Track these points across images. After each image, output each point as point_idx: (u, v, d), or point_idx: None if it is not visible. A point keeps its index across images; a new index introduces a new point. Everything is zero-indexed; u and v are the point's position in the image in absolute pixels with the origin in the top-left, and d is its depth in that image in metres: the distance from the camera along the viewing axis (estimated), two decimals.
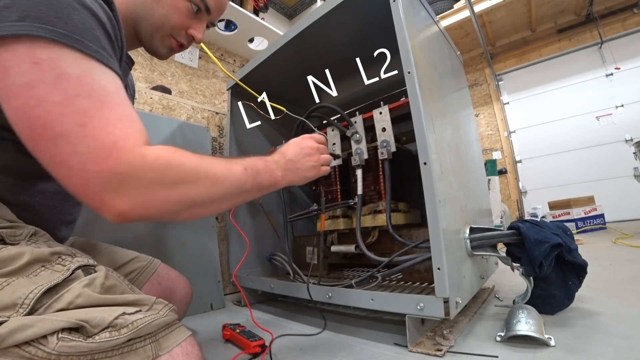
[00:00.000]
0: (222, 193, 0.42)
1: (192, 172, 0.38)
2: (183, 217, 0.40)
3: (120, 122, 0.34)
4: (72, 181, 0.32)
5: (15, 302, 0.29)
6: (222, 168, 0.43)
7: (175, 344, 0.35)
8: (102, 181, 0.32)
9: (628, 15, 2.47)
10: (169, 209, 0.37)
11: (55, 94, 0.31)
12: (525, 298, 0.67)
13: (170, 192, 0.36)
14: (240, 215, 1.12)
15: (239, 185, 0.45)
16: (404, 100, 0.78)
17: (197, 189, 0.39)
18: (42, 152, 0.32)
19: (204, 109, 1.28)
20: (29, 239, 0.38)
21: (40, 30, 0.31)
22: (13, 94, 0.31)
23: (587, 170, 2.57)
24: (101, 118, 0.33)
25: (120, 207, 0.33)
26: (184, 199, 0.38)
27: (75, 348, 0.28)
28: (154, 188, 0.35)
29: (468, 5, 2.19)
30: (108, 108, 0.33)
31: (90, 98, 0.33)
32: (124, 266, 0.65)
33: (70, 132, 0.31)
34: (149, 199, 0.35)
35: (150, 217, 0.36)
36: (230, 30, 1.78)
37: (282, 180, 0.55)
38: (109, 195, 0.33)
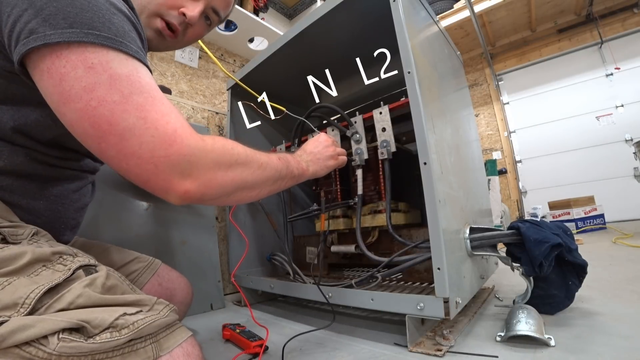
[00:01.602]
0: (266, 177, 0.47)
1: (243, 156, 0.43)
2: (234, 199, 0.43)
3: (173, 113, 0.37)
4: (143, 169, 0.35)
5: (16, 302, 0.29)
6: (263, 155, 0.47)
7: (176, 344, 0.35)
8: (171, 164, 0.35)
9: (628, 15, 2.47)
10: (225, 189, 0.40)
11: (114, 93, 0.33)
12: (525, 298, 0.67)
13: (227, 172, 0.40)
14: (240, 215, 1.12)
15: (277, 170, 0.50)
16: (404, 100, 0.78)
17: (248, 171, 0.43)
18: (108, 148, 0.34)
19: (204, 109, 1.28)
20: (30, 239, 0.38)
21: (89, 36, 0.33)
22: (73, 98, 0.33)
23: (587, 170, 2.57)
24: (157, 111, 0.35)
25: (187, 187, 0.36)
26: (238, 179, 0.42)
27: (76, 348, 0.28)
28: (215, 168, 0.39)
29: (468, 5, 2.19)
30: (159, 102, 0.36)
31: (142, 94, 0.35)
32: (125, 266, 0.65)
33: (134, 126, 0.34)
34: (211, 178, 0.38)
35: (210, 196, 0.39)
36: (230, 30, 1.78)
37: (307, 170, 0.61)
38: (176, 177, 0.36)
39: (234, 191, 0.42)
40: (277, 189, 0.52)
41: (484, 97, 3.10)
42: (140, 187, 0.37)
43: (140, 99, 0.35)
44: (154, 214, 0.98)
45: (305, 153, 0.65)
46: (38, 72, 0.34)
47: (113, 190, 0.90)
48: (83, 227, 0.78)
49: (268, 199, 1.16)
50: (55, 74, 0.33)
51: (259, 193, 0.47)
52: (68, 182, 0.48)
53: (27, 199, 0.43)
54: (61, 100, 0.33)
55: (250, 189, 0.45)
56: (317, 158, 0.65)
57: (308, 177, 0.61)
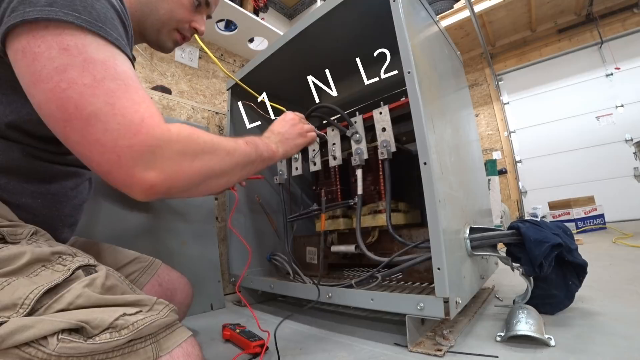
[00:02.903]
0: (234, 163, 0.46)
1: (210, 144, 0.42)
2: (203, 189, 0.42)
3: (144, 103, 0.36)
4: (104, 158, 0.33)
5: (16, 303, 0.29)
6: (230, 141, 0.47)
7: (176, 344, 0.35)
8: (133, 155, 0.33)
9: (628, 15, 2.47)
10: (193, 180, 0.39)
11: (85, 76, 0.33)
12: (525, 298, 0.67)
13: (193, 162, 0.39)
14: (241, 215, 1.12)
15: (246, 155, 0.49)
16: (404, 100, 0.78)
17: (215, 159, 0.42)
18: (73, 132, 0.33)
19: (204, 109, 1.28)
20: (29, 238, 0.38)
21: (68, 16, 0.33)
22: (44, 78, 0.32)
23: (587, 170, 2.57)
24: (128, 98, 0.34)
25: (151, 180, 0.35)
26: (205, 169, 0.40)
27: (76, 349, 0.28)
28: (180, 159, 0.37)
29: (468, 5, 2.19)
30: (132, 90, 0.35)
31: (115, 81, 0.34)
32: (125, 267, 0.65)
33: (101, 111, 0.33)
34: (177, 169, 0.37)
35: (177, 189, 0.38)
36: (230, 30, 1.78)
37: (277, 151, 0.60)
38: (139, 169, 0.34)
39: (203, 181, 0.41)
40: (248, 174, 0.52)
41: (484, 97, 3.10)
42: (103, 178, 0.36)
43: (112, 85, 0.34)
44: (154, 214, 0.98)
45: (273, 134, 0.64)
46: (13, 52, 0.33)
47: (113, 190, 0.90)
48: (83, 227, 0.78)
49: (268, 199, 1.16)
50: (29, 54, 0.32)
51: (228, 180, 0.47)
52: (65, 180, 0.48)
53: (24, 197, 0.42)
54: (32, 81, 0.33)
55: (219, 176, 0.44)
56: (286, 138, 0.65)
57: (279, 158, 0.61)
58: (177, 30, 0.59)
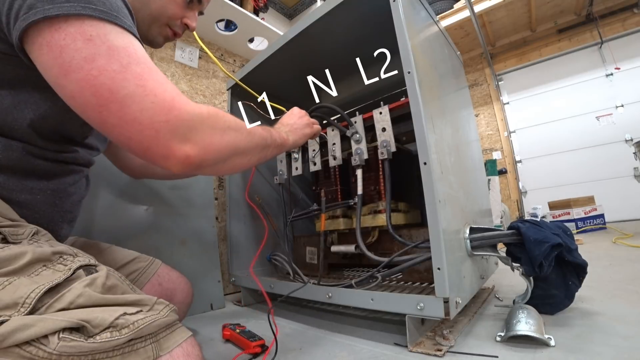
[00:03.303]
0: (255, 143, 0.50)
1: (234, 122, 0.46)
2: (229, 166, 0.46)
3: (168, 84, 0.38)
4: (143, 134, 0.36)
5: (17, 302, 0.29)
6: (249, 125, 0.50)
7: (176, 344, 0.35)
8: (171, 129, 0.36)
9: (628, 15, 2.46)
10: (221, 154, 0.43)
11: (113, 63, 0.35)
12: (525, 298, 0.67)
13: (223, 136, 0.42)
14: (240, 215, 1.12)
15: (263, 138, 0.53)
16: (404, 100, 0.78)
17: (240, 136, 0.46)
18: (110, 116, 0.35)
19: None
20: (31, 238, 0.38)
21: (87, 9, 0.34)
22: (74, 68, 0.34)
23: (587, 170, 2.56)
24: (155, 80, 0.37)
25: (187, 151, 0.38)
26: (232, 143, 0.44)
27: (76, 348, 0.28)
28: (212, 132, 0.41)
29: (468, 5, 2.19)
30: (155, 72, 0.38)
31: (140, 65, 0.37)
32: (125, 266, 0.65)
33: (135, 93, 0.35)
34: (209, 142, 0.40)
35: (208, 162, 0.41)
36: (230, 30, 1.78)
37: (288, 140, 0.64)
38: (176, 142, 0.37)
39: (229, 156, 0.44)
40: (264, 157, 0.55)
41: (484, 97, 3.10)
42: (140, 157, 0.38)
43: (138, 69, 0.36)
44: (154, 214, 0.98)
45: (282, 125, 0.68)
46: (37, 47, 0.34)
47: (113, 190, 0.90)
48: (84, 227, 0.78)
49: (268, 199, 1.16)
50: (55, 47, 0.33)
51: (250, 159, 0.50)
52: (64, 176, 0.49)
53: (24, 194, 0.43)
54: (61, 72, 0.34)
55: (243, 154, 0.47)
56: (295, 128, 0.69)
57: (289, 147, 0.65)
58: (168, 26, 0.59)
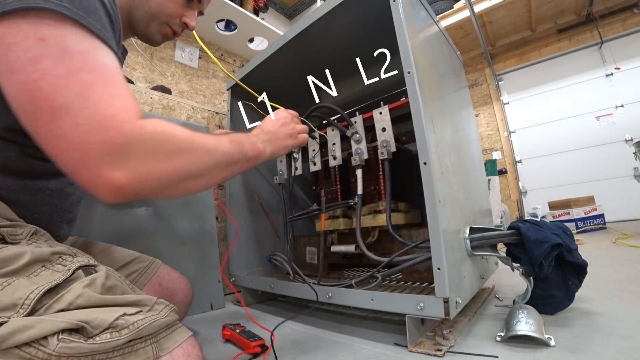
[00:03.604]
0: (214, 163, 0.43)
1: (188, 142, 0.39)
2: (179, 191, 0.39)
3: (121, 97, 0.34)
4: (70, 155, 0.31)
5: (16, 303, 0.29)
6: (211, 139, 0.44)
7: (176, 344, 0.35)
8: (101, 153, 0.31)
9: (628, 15, 2.46)
10: (166, 181, 0.37)
11: (59, 67, 0.31)
12: (525, 298, 0.67)
13: (168, 162, 0.36)
14: (240, 215, 1.12)
15: (228, 155, 0.47)
16: (404, 100, 0.78)
17: (193, 159, 0.39)
18: (40, 126, 0.31)
19: (204, 109, 1.28)
20: (29, 238, 0.38)
21: (48, 3, 0.31)
22: (16, 69, 0.30)
23: (587, 170, 2.56)
24: (103, 91, 0.33)
25: (118, 180, 0.32)
26: (181, 169, 0.38)
27: (76, 349, 0.28)
28: (154, 158, 0.35)
29: (468, 5, 2.19)
30: (110, 83, 0.34)
31: (93, 73, 0.33)
32: (125, 267, 0.65)
33: (72, 104, 0.31)
34: (148, 170, 0.34)
35: (148, 190, 0.36)
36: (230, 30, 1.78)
37: (264, 150, 0.58)
38: (107, 168, 0.32)
39: (179, 182, 0.38)
40: (231, 174, 0.49)
41: (484, 97, 3.10)
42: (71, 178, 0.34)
43: (89, 77, 0.32)
44: (154, 214, 0.98)
45: (262, 132, 0.61)
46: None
47: None
48: (83, 227, 0.78)
49: (268, 198, 1.16)
50: (4, 44, 0.30)
51: (208, 181, 0.44)
52: (62, 176, 0.48)
53: (22, 194, 0.42)
54: (5, 72, 0.31)
55: (197, 177, 0.41)
56: (275, 138, 0.62)
57: (266, 158, 0.59)
58: (167, 25, 0.58)
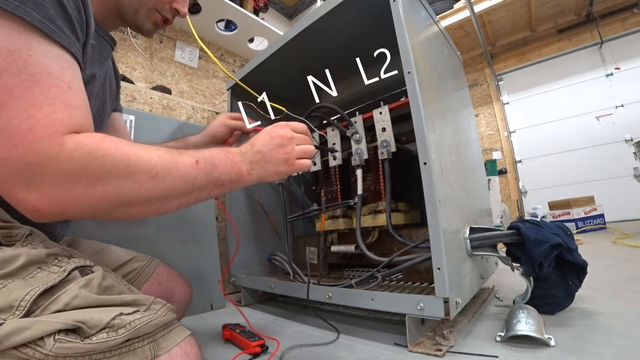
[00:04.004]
0: (164, 189, 0.36)
1: (122, 165, 0.33)
2: (119, 216, 0.35)
3: (49, 107, 0.29)
4: None
5: (12, 305, 0.28)
6: (164, 161, 0.37)
7: (174, 343, 0.34)
8: (10, 171, 0.28)
9: (628, 15, 2.46)
10: (95, 207, 0.32)
11: None
12: (525, 298, 0.67)
13: (92, 187, 0.31)
14: (240, 215, 1.11)
15: (187, 181, 0.39)
16: (404, 100, 0.78)
17: (129, 185, 0.33)
18: None
19: (204, 109, 1.28)
20: (24, 240, 0.37)
21: None
22: None
23: (587, 170, 2.56)
24: (26, 99, 0.28)
25: (34, 203, 0.29)
26: (112, 195, 0.33)
27: (73, 349, 0.28)
28: (71, 182, 0.30)
29: (468, 5, 2.19)
30: (39, 89, 0.29)
31: (19, 76, 0.28)
32: (123, 266, 0.65)
33: None
34: (66, 195, 0.30)
35: (72, 215, 0.32)
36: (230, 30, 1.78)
37: (248, 175, 0.48)
38: (20, 188, 0.29)
39: (112, 208, 0.34)
40: (196, 199, 0.42)
41: (484, 97, 3.10)
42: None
43: (11, 81, 0.28)
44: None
45: (252, 150, 0.49)
46: None
47: None
48: (82, 227, 0.77)
49: (268, 198, 1.16)
50: None
51: (159, 207, 0.38)
52: None
53: None
54: None
55: (142, 204, 0.35)
56: (265, 160, 0.49)
57: (250, 182, 0.49)
58: (157, 11, 0.56)
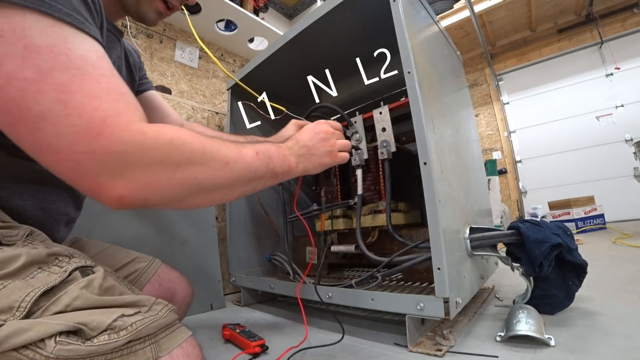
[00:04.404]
0: (232, 178, 0.39)
1: (199, 152, 0.35)
2: (189, 204, 0.36)
3: (109, 96, 0.30)
4: (63, 166, 0.29)
5: (12, 306, 0.28)
6: (232, 151, 0.39)
7: (176, 344, 0.34)
8: (96, 162, 0.29)
9: (628, 15, 2.47)
10: (173, 194, 0.34)
11: (26, 69, 0.27)
12: (525, 298, 0.67)
13: (174, 174, 0.33)
14: (240, 215, 1.12)
15: (251, 170, 0.41)
16: (404, 100, 0.78)
17: (204, 172, 0.35)
18: (23, 138, 0.28)
19: (204, 109, 1.28)
20: (25, 239, 0.37)
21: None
22: None
23: (587, 170, 2.57)
24: (85, 92, 0.29)
25: (119, 191, 0.30)
26: (190, 182, 0.34)
27: (74, 351, 0.27)
28: (157, 169, 0.31)
29: (468, 5, 2.19)
30: (91, 80, 0.29)
31: (68, 71, 0.28)
32: (125, 267, 0.65)
33: (50, 111, 0.27)
34: (151, 181, 0.31)
35: (153, 202, 0.33)
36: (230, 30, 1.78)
37: (296, 167, 0.52)
38: (105, 178, 0.29)
39: (187, 195, 0.35)
40: (253, 189, 0.44)
41: (484, 97, 3.10)
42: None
43: (63, 77, 0.28)
44: (154, 213, 0.98)
45: (297, 144, 0.54)
46: None
47: None
48: (83, 227, 0.77)
49: (268, 198, 1.16)
50: None
51: (224, 196, 0.40)
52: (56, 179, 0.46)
53: (15, 198, 0.40)
54: None
55: (211, 191, 0.37)
56: (311, 153, 0.54)
57: (297, 174, 0.53)
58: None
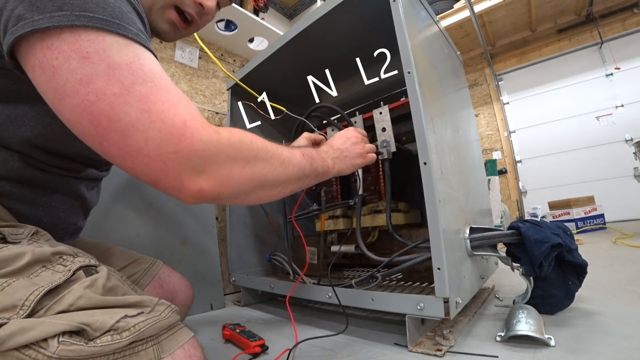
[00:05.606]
0: (288, 174, 0.43)
1: (264, 151, 0.40)
2: (253, 198, 0.40)
3: (181, 103, 0.33)
4: (150, 167, 0.32)
5: (15, 304, 0.28)
6: (285, 150, 0.44)
7: (178, 346, 0.35)
8: (181, 161, 0.32)
9: (628, 15, 2.46)
10: (242, 188, 0.37)
11: (112, 85, 0.30)
12: (525, 298, 0.67)
13: (245, 168, 0.37)
14: (240, 215, 1.12)
15: (300, 168, 0.46)
16: (404, 100, 0.78)
17: (268, 167, 0.40)
18: (111, 147, 0.31)
19: (204, 109, 1.28)
20: (30, 238, 0.37)
21: (82, 19, 0.30)
22: (69, 93, 0.30)
23: (587, 170, 2.57)
24: (163, 101, 0.32)
25: (201, 185, 0.34)
26: (257, 176, 0.39)
27: (77, 352, 0.27)
28: (231, 164, 0.36)
29: (468, 5, 2.19)
30: (165, 90, 0.33)
31: (146, 84, 0.32)
32: (127, 268, 0.65)
33: (137, 120, 0.31)
34: (227, 175, 0.35)
35: (226, 195, 0.36)
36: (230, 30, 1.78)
37: (332, 168, 0.57)
38: (188, 174, 0.33)
39: (253, 189, 0.39)
40: (300, 187, 0.49)
41: (484, 97, 3.10)
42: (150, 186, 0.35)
43: (143, 89, 0.31)
44: (155, 213, 0.98)
45: (331, 149, 0.60)
46: (30, 67, 0.31)
47: (113, 189, 0.90)
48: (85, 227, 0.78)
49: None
50: (48, 68, 0.30)
51: (280, 191, 0.44)
52: (69, 188, 0.47)
53: (26, 205, 0.41)
54: (56, 97, 0.30)
55: (271, 187, 0.42)
56: (345, 155, 0.60)
57: (332, 175, 0.58)
58: (175, 8, 0.49)
